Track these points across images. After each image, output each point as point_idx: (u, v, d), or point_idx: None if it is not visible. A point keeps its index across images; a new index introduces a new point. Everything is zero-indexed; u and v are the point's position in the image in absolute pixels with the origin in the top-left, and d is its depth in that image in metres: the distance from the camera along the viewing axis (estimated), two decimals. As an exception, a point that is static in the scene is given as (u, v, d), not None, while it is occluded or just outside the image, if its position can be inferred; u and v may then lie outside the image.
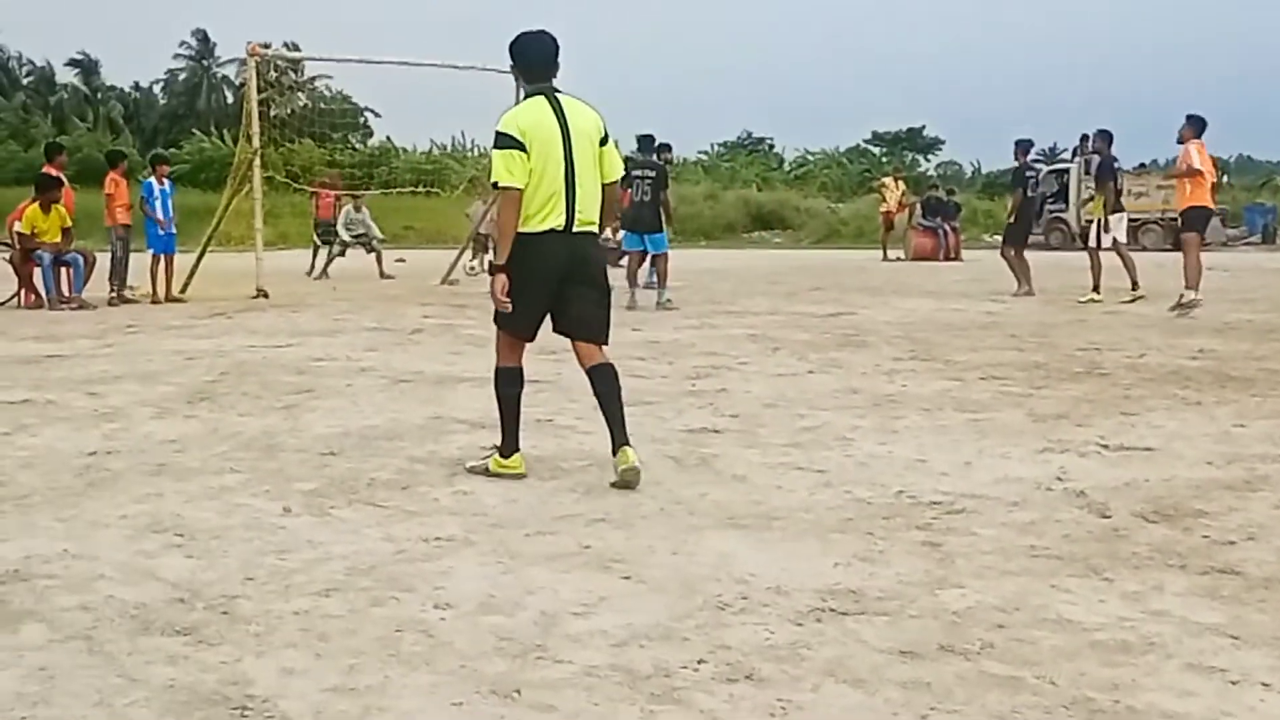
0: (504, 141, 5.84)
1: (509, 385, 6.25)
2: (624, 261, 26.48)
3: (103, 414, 7.86)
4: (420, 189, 34.05)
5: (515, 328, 6.21)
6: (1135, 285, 16.60)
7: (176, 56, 72.84)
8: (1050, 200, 37.10)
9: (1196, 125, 15.45)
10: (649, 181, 15.70)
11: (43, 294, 16.27)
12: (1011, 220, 18.77)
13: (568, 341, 6.35)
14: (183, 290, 17.52)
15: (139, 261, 17.49)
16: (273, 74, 22.19)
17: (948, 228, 31.15)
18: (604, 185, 6.07)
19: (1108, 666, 3.55)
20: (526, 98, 6.05)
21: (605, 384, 6.15)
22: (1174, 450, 6.59)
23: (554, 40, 6.07)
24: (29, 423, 7.57)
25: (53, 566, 4.57)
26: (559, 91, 6.03)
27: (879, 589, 4.25)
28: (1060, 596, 4.17)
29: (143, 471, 6.18)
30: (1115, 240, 17.04)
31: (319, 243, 23.78)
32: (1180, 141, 15.50)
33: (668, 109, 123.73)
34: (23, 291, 16.62)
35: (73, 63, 70.27)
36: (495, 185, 5.91)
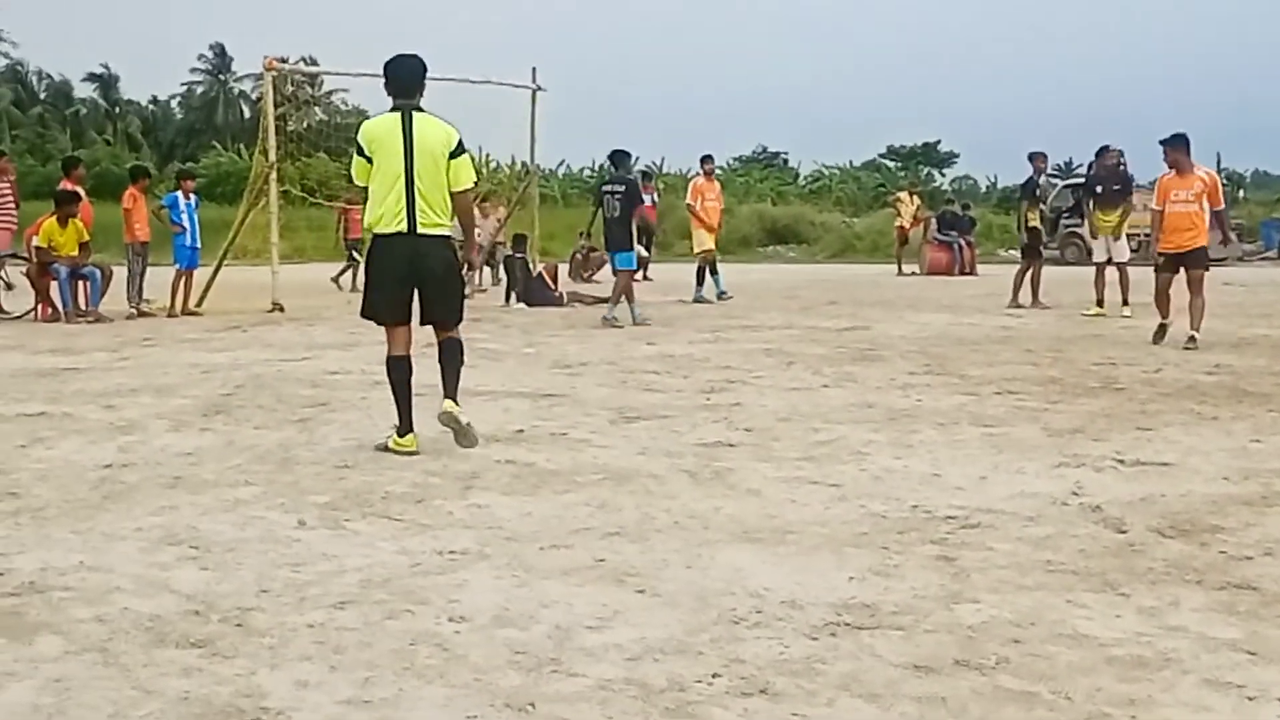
0: (354, 148, 7.10)
1: (394, 372, 7.31)
2: (638, 275, 26.64)
3: (119, 427, 7.88)
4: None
5: (375, 316, 7.32)
6: (1100, 300, 16.59)
7: (194, 70, 73.09)
8: (1065, 215, 37.04)
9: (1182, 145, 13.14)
10: (618, 198, 15.58)
11: (59, 307, 16.31)
12: (1029, 231, 18.73)
13: (582, 357, 6.49)
14: (199, 304, 17.56)
15: (156, 275, 17.54)
16: (289, 88, 22.16)
17: (963, 242, 31.07)
18: (454, 194, 6.99)
19: (1124, 682, 3.54)
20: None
21: (447, 354, 7.34)
22: (1190, 465, 6.57)
23: (418, 64, 7.11)
24: (45, 435, 7.59)
25: (68, 579, 4.58)
26: (418, 110, 6.99)
27: (894, 603, 4.25)
28: (1076, 612, 4.16)
29: (158, 484, 6.20)
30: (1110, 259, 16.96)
31: (355, 258, 23.46)
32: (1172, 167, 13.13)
33: (683, 122, 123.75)
34: (40, 305, 16.68)
35: (91, 77, 70.57)
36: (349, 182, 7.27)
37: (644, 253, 27.63)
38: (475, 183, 7.12)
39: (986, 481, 6.21)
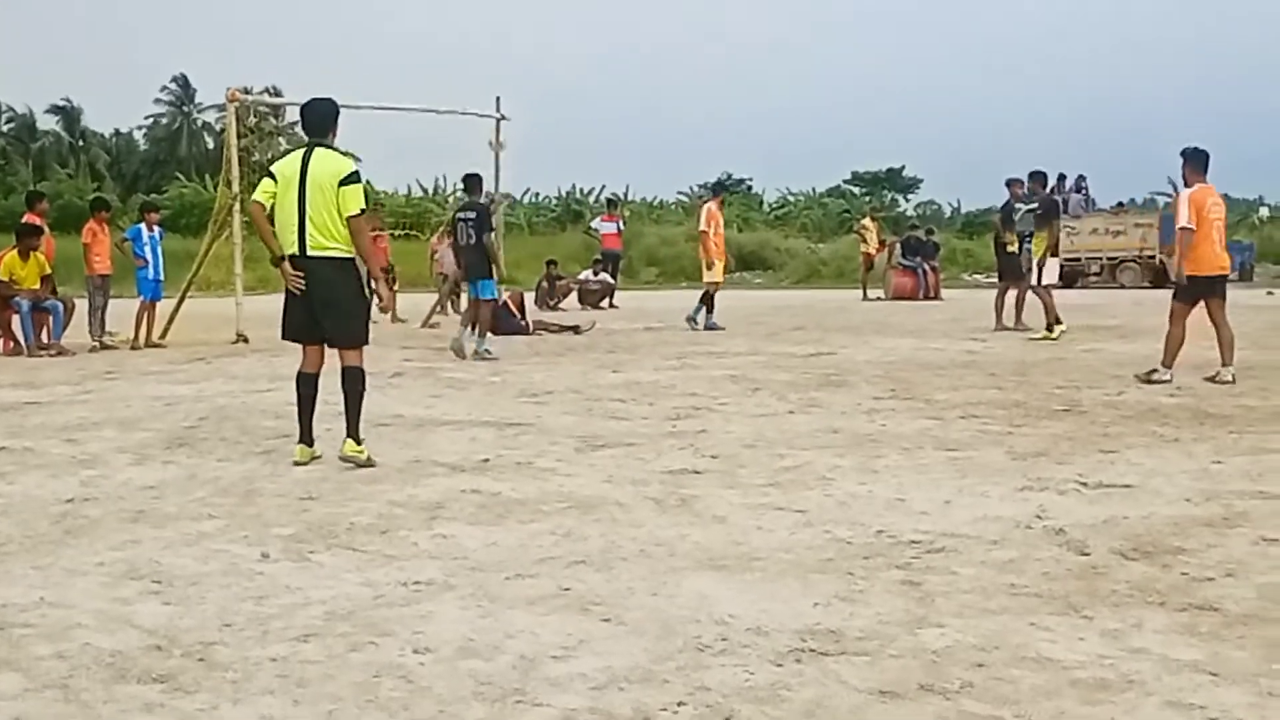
0: (266, 173, 7.84)
1: (300, 386, 7.79)
2: (605, 303, 26.69)
3: (81, 461, 7.83)
4: (400, 232, 34.06)
5: (284, 334, 7.92)
6: (1050, 325, 16.77)
7: (157, 102, 72.75)
8: (1027, 239, 37.31)
9: (1196, 163, 11.97)
10: (471, 224, 15.31)
11: (21, 341, 16.20)
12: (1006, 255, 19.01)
13: (548, 385, 6.50)
14: (162, 336, 17.47)
15: (120, 307, 17.44)
16: (253, 119, 22.09)
17: (927, 267, 31.23)
18: (346, 219, 7.42)
19: (1087, 705, 3.55)
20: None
21: (347, 383, 7.61)
22: (1153, 487, 6.61)
23: (329, 107, 7.75)
24: (6, 470, 7.53)
25: (29, 615, 4.54)
26: (321, 145, 7.57)
27: (859, 629, 4.25)
28: (1040, 635, 4.18)
29: (120, 518, 6.15)
30: (1040, 281, 17.35)
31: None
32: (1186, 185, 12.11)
33: (648, 150, 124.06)
34: (2, 339, 16.56)
35: (54, 109, 70.17)
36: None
37: (609, 280, 27.76)
38: (363, 209, 7.52)
39: (951, 505, 6.23)
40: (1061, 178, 17.88)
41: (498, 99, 20.52)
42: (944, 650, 4.02)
